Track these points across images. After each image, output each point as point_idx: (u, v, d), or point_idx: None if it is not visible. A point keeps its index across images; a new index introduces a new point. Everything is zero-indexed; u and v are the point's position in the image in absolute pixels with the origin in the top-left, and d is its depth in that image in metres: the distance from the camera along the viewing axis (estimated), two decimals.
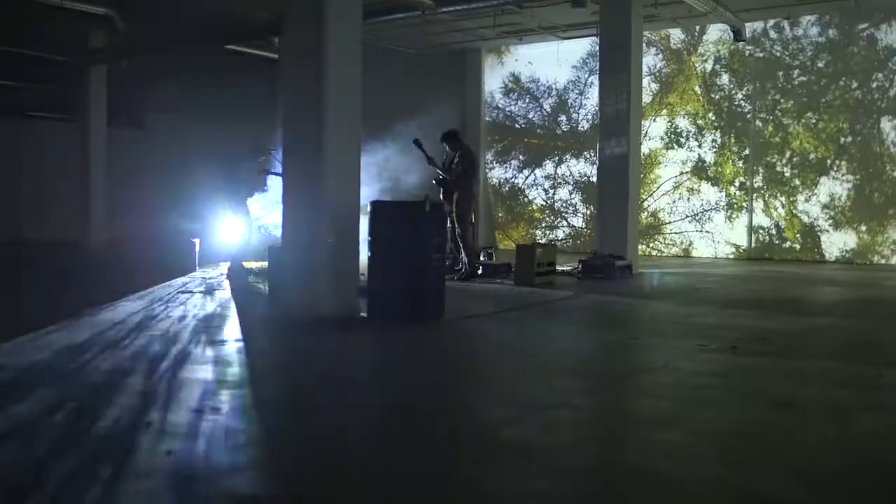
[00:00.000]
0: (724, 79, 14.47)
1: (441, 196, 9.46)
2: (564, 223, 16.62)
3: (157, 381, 4.21)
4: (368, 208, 6.63)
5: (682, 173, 15.02)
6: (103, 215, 14.16)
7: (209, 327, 6.03)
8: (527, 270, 9.33)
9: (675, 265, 12.77)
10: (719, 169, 14.68)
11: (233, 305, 7.33)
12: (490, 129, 17.04)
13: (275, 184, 9.70)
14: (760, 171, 14.21)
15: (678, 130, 14.95)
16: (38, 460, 2.96)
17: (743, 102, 14.39)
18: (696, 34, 14.50)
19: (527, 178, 16.89)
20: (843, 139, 13.55)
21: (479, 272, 10.07)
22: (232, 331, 5.95)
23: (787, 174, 14.04)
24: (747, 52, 14.10)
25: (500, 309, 7.37)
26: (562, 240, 16.41)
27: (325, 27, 6.26)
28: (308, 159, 6.37)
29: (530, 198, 16.91)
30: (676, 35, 14.75)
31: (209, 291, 8.26)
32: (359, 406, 3.97)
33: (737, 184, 14.60)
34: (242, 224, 10.05)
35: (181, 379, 4.27)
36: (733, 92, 14.46)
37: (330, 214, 6.31)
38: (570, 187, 16.38)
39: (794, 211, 13.93)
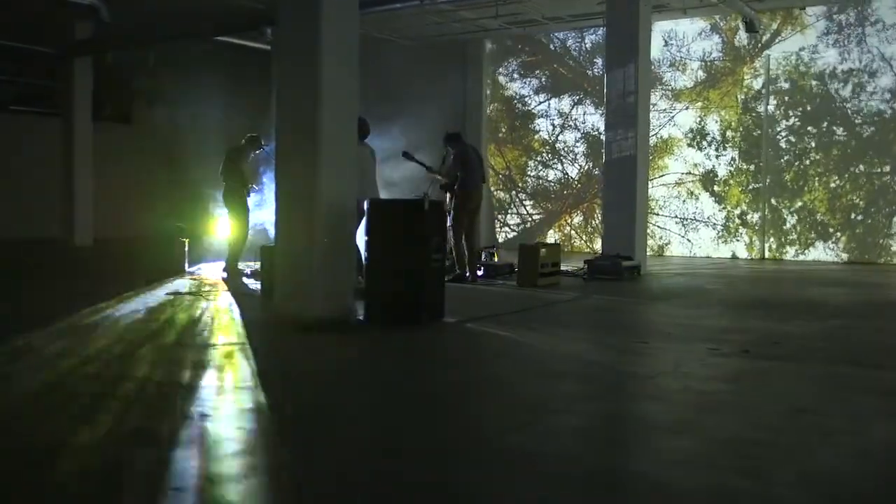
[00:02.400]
0: (771, 102, 14.22)
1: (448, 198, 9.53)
2: (559, 167, 16.48)
3: (144, 387, 4.21)
4: (366, 206, 6.64)
5: (689, 173, 15.00)
6: (88, 213, 14.15)
7: (197, 330, 6.03)
8: (530, 271, 9.34)
9: (683, 266, 12.77)
10: (727, 189, 14.64)
11: (223, 308, 7.33)
12: (524, 39, 16.70)
13: (270, 181, 9.73)
14: (766, 208, 14.19)
15: (704, 132, 14.82)
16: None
17: (779, 135, 14.19)
18: (761, 41, 14.18)
19: (540, 103, 16.66)
20: (853, 215, 13.51)
21: (480, 273, 10.07)
22: (221, 334, 5.95)
23: (788, 224, 14.06)
24: (811, 85, 13.82)
25: (503, 311, 7.38)
26: (550, 181, 16.34)
27: (321, 18, 6.26)
28: (303, 155, 6.37)
29: (537, 125, 16.71)
30: (742, 36, 14.36)
31: (199, 293, 8.26)
32: (355, 412, 3.97)
33: (738, 211, 14.58)
34: (239, 222, 10.05)
35: (168, 384, 4.27)
36: (774, 117, 14.22)
37: (325, 212, 6.31)
38: (579, 135, 16.22)
39: (778, 257, 13.98)
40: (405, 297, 6.32)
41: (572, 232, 16.33)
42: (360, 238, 6.92)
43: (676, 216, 15.08)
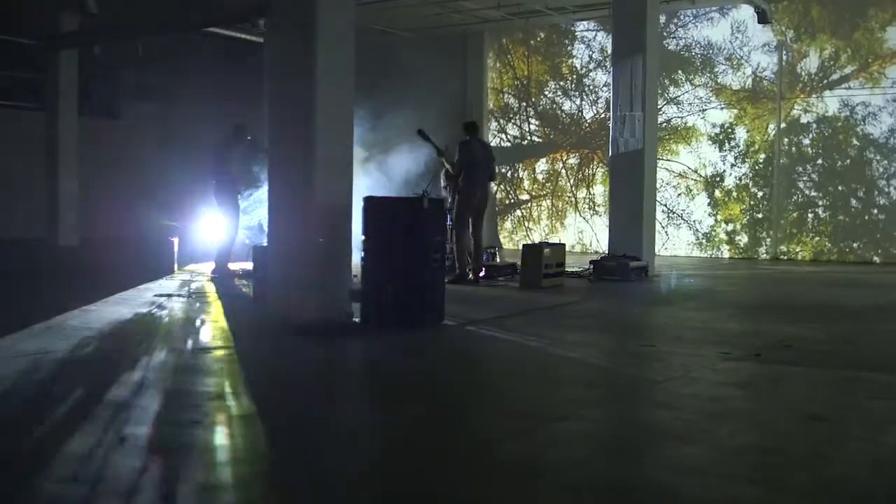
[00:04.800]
0: (806, 141, 13.91)
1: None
2: (577, 102, 16.08)
3: (131, 392, 4.21)
4: (362, 204, 6.63)
5: (696, 171, 14.88)
6: (74, 212, 14.14)
7: (187, 334, 6.03)
8: (533, 272, 9.33)
9: (691, 267, 12.77)
10: (728, 201, 14.53)
11: (214, 310, 7.34)
12: None
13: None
14: (757, 237, 14.14)
15: (730, 135, 14.60)
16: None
17: (799, 176, 13.95)
18: (825, 80, 13.73)
19: (587, 29, 15.91)
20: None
21: (481, 274, 10.05)
22: (212, 338, 5.95)
23: (767, 254, 14.07)
24: (852, 144, 13.50)
25: (505, 314, 7.38)
26: (564, 111, 16.14)
27: (316, 8, 6.26)
28: (297, 150, 6.37)
29: (574, 50, 16.09)
30: (812, 63, 13.82)
31: (188, 295, 8.25)
32: (351, 419, 3.97)
33: (729, 228, 14.49)
34: (231, 221, 10.04)
35: (157, 389, 4.28)
36: (804, 153, 13.95)
37: (320, 211, 6.31)
38: (610, 79, 15.90)
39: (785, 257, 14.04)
40: (403, 299, 6.32)
41: (563, 171, 16.19)
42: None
43: (665, 206, 14.98)
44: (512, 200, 16.84)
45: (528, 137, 16.76)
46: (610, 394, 4.59)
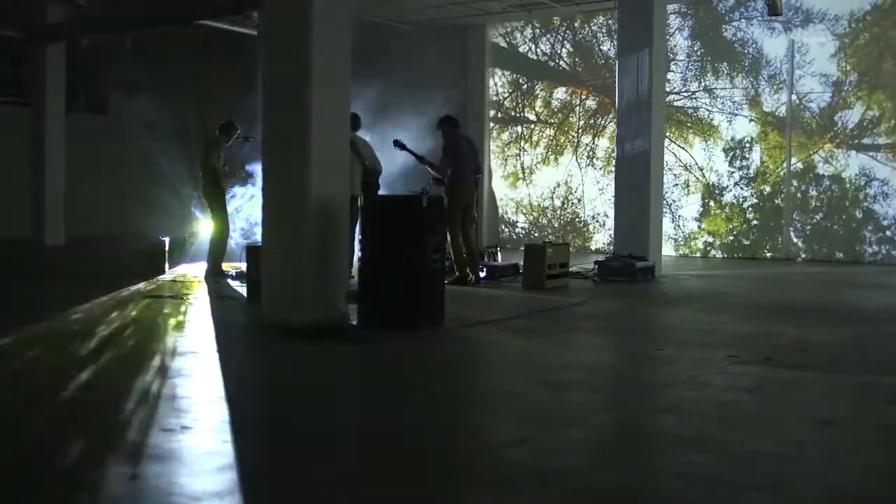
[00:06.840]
0: (813, 192, 13.65)
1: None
2: (615, 51, 15.74)
3: (121, 398, 4.21)
4: (360, 203, 6.63)
5: (701, 170, 14.78)
6: (61, 210, 14.14)
7: (178, 337, 6.02)
8: (536, 273, 9.33)
9: (698, 267, 12.78)
10: (720, 214, 14.44)
11: (206, 312, 7.33)
12: None
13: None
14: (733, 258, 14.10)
15: (745, 154, 14.46)
16: None
17: (794, 221, 13.80)
18: (856, 136, 13.31)
19: None
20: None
21: (482, 275, 10.05)
22: (204, 340, 5.95)
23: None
24: (853, 211, 13.37)
25: (507, 315, 7.37)
26: (599, 52, 15.80)
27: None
28: (292, 147, 6.36)
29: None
30: (855, 115, 13.40)
31: (179, 296, 8.25)
32: (349, 426, 3.97)
33: (709, 240, 14.43)
34: (218, 220, 10.04)
35: (147, 393, 4.27)
36: (806, 206, 13.78)
37: (316, 210, 6.30)
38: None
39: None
40: (401, 301, 6.32)
41: (579, 109, 16.09)
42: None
43: None
44: (518, 115, 16.72)
45: (556, 60, 16.51)
46: (616, 398, 4.59)
